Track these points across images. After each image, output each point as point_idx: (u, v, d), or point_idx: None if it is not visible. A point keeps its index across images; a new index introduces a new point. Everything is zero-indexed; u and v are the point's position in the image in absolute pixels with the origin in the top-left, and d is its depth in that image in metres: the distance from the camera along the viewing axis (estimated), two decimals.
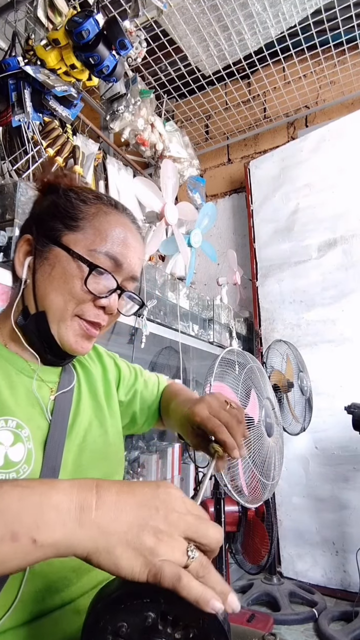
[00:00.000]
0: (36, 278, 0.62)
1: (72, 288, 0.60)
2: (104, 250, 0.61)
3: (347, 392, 2.12)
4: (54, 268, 0.61)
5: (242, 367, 1.38)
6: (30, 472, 0.55)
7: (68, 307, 0.60)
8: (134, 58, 1.90)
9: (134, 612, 0.36)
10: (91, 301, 0.61)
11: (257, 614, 1.71)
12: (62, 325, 0.61)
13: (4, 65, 1.37)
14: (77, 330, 0.62)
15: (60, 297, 0.60)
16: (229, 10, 2.15)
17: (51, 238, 0.62)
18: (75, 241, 0.61)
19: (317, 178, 2.42)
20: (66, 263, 0.60)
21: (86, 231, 0.62)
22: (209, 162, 3.23)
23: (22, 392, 0.61)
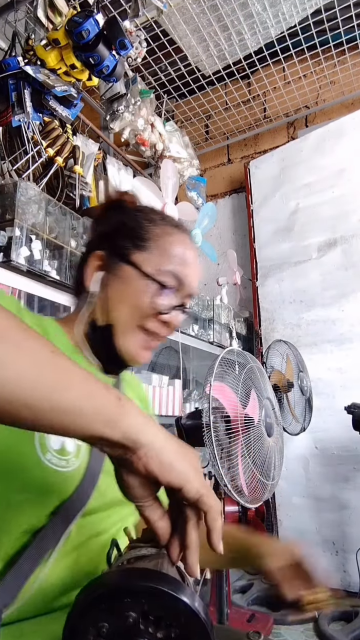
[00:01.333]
0: (107, 293, 0.67)
1: (141, 303, 0.65)
2: (169, 270, 0.66)
3: (347, 392, 2.12)
4: (126, 284, 0.66)
5: (242, 367, 1.38)
6: (76, 466, 0.57)
7: (133, 319, 0.65)
8: (134, 58, 1.89)
9: (114, 611, 0.36)
10: (155, 316, 0.66)
11: (257, 614, 1.71)
12: (126, 337, 0.65)
13: (4, 65, 1.37)
14: (139, 342, 0.66)
15: (127, 310, 0.65)
16: (229, 10, 2.15)
17: (122, 256, 0.67)
18: (143, 260, 0.66)
19: (317, 178, 2.42)
20: (136, 280, 0.65)
21: (152, 251, 0.66)
22: (209, 162, 3.23)
23: None
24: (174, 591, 0.35)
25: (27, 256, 1.24)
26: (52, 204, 1.38)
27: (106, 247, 0.69)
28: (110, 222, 0.72)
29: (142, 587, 0.35)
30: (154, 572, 0.38)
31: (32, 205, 1.29)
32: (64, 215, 1.43)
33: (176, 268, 0.66)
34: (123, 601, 0.36)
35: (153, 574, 0.37)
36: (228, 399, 1.29)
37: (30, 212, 1.28)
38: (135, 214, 0.70)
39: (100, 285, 0.68)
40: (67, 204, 1.51)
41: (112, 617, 0.36)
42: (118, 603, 0.36)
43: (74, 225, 1.47)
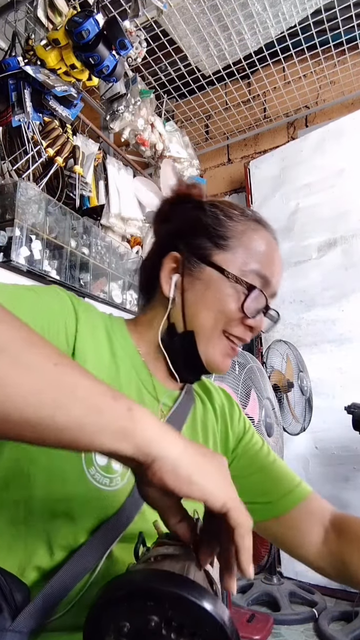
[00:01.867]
0: (186, 297, 0.62)
1: (226, 308, 0.60)
2: (255, 270, 0.61)
3: (347, 392, 2.12)
4: (208, 288, 0.61)
5: (242, 367, 1.38)
6: (120, 487, 0.53)
7: (218, 325, 0.61)
8: (134, 58, 1.89)
9: (136, 613, 0.35)
10: (241, 321, 0.61)
11: (257, 614, 1.71)
12: (210, 344, 0.61)
13: (4, 65, 1.37)
14: (224, 349, 0.62)
15: (212, 315, 0.61)
16: (229, 10, 2.15)
17: (202, 257, 0.62)
18: (226, 261, 0.61)
19: (317, 178, 2.42)
20: (220, 283, 0.60)
21: (236, 250, 0.61)
22: (209, 162, 3.23)
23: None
24: (199, 599, 0.34)
25: (27, 256, 1.24)
26: (52, 204, 1.38)
27: (181, 248, 0.64)
28: (182, 220, 0.66)
29: (166, 592, 0.34)
30: (180, 577, 0.36)
31: (32, 205, 1.29)
32: (64, 215, 1.43)
33: (261, 267, 0.61)
34: (146, 604, 0.34)
35: (179, 579, 0.36)
36: None
37: (30, 212, 1.28)
38: (211, 210, 0.64)
39: (178, 289, 0.63)
40: (67, 204, 1.51)
41: (133, 617, 0.35)
42: (140, 605, 0.35)
43: (74, 225, 1.47)
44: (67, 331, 0.54)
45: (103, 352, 0.59)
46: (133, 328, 0.67)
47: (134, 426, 0.35)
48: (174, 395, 0.67)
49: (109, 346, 0.60)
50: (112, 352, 0.60)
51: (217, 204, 0.65)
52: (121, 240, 1.90)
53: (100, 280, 1.58)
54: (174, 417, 0.63)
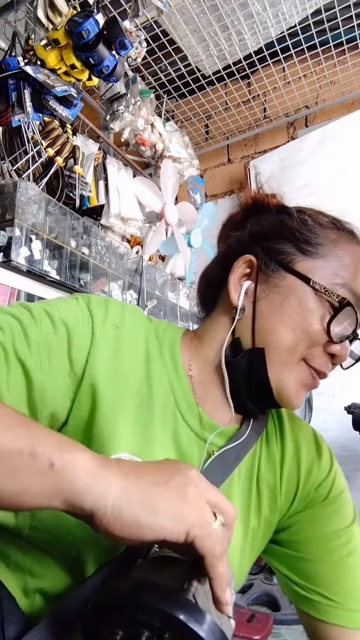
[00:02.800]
0: (258, 308, 0.52)
1: (310, 326, 0.49)
2: (348, 285, 0.50)
3: (347, 392, 2.12)
4: (287, 299, 0.51)
5: None
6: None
7: (299, 348, 0.50)
8: (134, 58, 1.89)
9: (128, 622, 0.34)
10: (324, 345, 0.51)
11: (257, 614, 1.71)
12: (286, 369, 0.50)
13: (4, 65, 1.37)
14: (302, 378, 0.51)
15: (291, 334, 0.50)
16: (229, 10, 2.14)
17: (283, 263, 0.53)
18: (312, 270, 0.51)
19: (317, 178, 2.42)
20: (303, 295, 0.51)
21: (327, 259, 0.52)
22: (209, 162, 3.23)
23: (172, 438, 0.51)
24: (191, 622, 0.32)
25: (27, 256, 1.24)
26: (52, 204, 1.38)
27: (259, 252, 0.55)
28: (261, 224, 0.58)
29: (157, 609, 0.33)
30: (175, 594, 0.34)
31: (32, 205, 1.29)
32: (64, 215, 1.43)
33: (353, 282, 0.51)
34: (137, 616, 0.34)
35: (173, 596, 0.33)
36: None
37: (30, 212, 1.28)
38: (298, 214, 0.56)
39: (248, 298, 0.54)
40: (67, 204, 1.51)
41: (125, 626, 0.34)
42: (133, 616, 0.34)
43: (74, 225, 1.47)
44: (72, 363, 0.48)
45: (133, 373, 0.51)
46: (187, 342, 0.57)
47: (58, 481, 0.32)
48: (228, 433, 0.55)
49: (144, 365, 0.52)
50: (148, 372, 0.52)
51: (304, 209, 0.58)
52: (121, 240, 1.90)
53: (100, 280, 1.58)
54: (219, 462, 0.52)
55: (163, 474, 0.35)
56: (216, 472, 0.51)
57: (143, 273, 1.63)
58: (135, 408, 0.50)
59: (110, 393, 0.48)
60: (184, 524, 0.32)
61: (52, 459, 0.32)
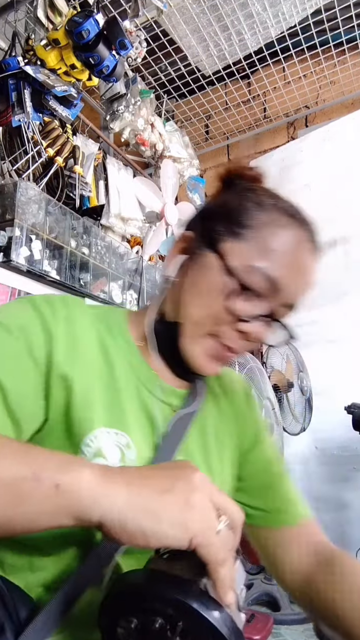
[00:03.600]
0: (184, 282, 0.56)
1: (214, 304, 0.52)
2: (264, 269, 0.51)
3: (347, 392, 2.12)
4: (202, 275, 0.54)
5: (242, 367, 1.38)
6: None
7: (204, 324, 0.53)
8: (134, 58, 1.89)
9: (142, 610, 0.36)
10: (231, 323, 0.53)
11: (257, 614, 1.71)
12: (193, 341, 0.54)
13: (4, 65, 1.37)
14: (209, 350, 0.54)
15: (198, 310, 0.53)
16: (229, 10, 2.14)
17: (209, 241, 0.54)
18: (233, 251, 0.52)
19: (317, 178, 2.42)
20: (215, 274, 0.52)
21: (250, 242, 0.52)
22: (209, 162, 3.23)
23: (139, 407, 0.55)
24: (203, 610, 0.34)
25: (27, 256, 1.24)
26: (52, 204, 1.38)
27: (198, 229, 0.58)
28: (215, 201, 0.60)
29: (170, 598, 0.34)
30: (188, 583, 0.36)
31: (32, 205, 1.29)
32: (64, 215, 1.43)
33: (274, 269, 0.51)
34: (152, 605, 0.35)
35: (186, 586, 0.35)
36: None
37: (30, 212, 1.28)
38: (245, 194, 0.56)
39: (179, 272, 0.57)
40: (67, 204, 1.51)
41: (140, 614, 0.36)
42: (147, 604, 0.35)
43: (74, 225, 1.47)
44: (37, 362, 0.50)
45: (92, 358, 0.54)
46: (134, 318, 0.61)
47: (65, 502, 0.33)
48: (182, 394, 0.61)
49: (100, 349, 0.55)
50: (105, 354, 0.55)
51: (256, 188, 0.57)
52: (121, 240, 1.90)
53: (100, 280, 1.58)
54: (178, 423, 0.58)
55: (167, 480, 0.35)
56: (178, 431, 0.57)
57: (143, 273, 1.63)
58: (103, 388, 0.53)
59: (78, 379, 0.51)
60: (187, 532, 0.33)
61: (56, 480, 0.33)
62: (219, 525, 0.35)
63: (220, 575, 0.34)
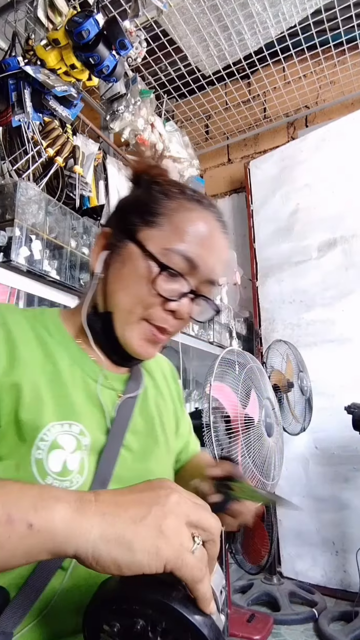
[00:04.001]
0: (109, 275, 0.60)
1: (140, 289, 0.56)
2: (180, 250, 0.56)
3: (347, 392, 2.12)
4: (125, 265, 0.58)
5: (242, 367, 1.38)
6: (82, 483, 0.53)
7: (135, 310, 0.57)
8: (134, 58, 1.89)
9: (124, 614, 0.36)
10: (160, 305, 0.57)
11: (257, 614, 1.71)
12: (128, 328, 0.58)
13: (4, 65, 1.37)
14: (143, 334, 0.58)
15: (127, 298, 0.58)
16: (229, 10, 2.15)
17: (127, 233, 0.59)
18: (150, 238, 0.57)
19: (317, 178, 2.42)
20: (137, 261, 0.57)
21: (163, 227, 0.57)
22: (209, 162, 3.23)
23: (86, 396, 0.59)
24: (184, 611, 0.35)
25: (27, 256, 1.24)
26: (52, 204, 1.38)
27: (113, 224, 0.63)
28: (127, 198, 0.65)
29: (152, 599, 0.35)
30: (169, 585, 0.36)
31: (32, 205, 1.29)
32: (64, 215, 1.43)
33: (189, 248, 0.57)
34: (133, 606, 0.36)
35: (167, 588, 0.36)
36: (228, 399, 1.30)
37: (30, 212, 1.28)
38: (152, 186, 0.61)
39: (104, 266, 0.61)
40: (67, 204, 1.51)
41: (122, 618, 0.36)
42: (128, 608, 0.36)
43: (74, 225, 1.47)
44: None
45: (33, 357, 0.56)
46: (69, 315, 0.64)
47: (40, 540, 0.34)
48: (123, 378, 0.66)
49: (40, 348, 0.58)
50: (46, 352, 0.58)
51: (160, 181, 0.62)
52: None
53: None
54: (124, 406, 0.62)
55: (141, 508, 0.36)
56: (125, 413, 0.62)
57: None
58: (49, 385, 0.55)
59: (25, 383, 0.53)
60: (160, 559, 0.34)
61: (29, 520, 0.34)
62: (194, 545, 0.36)
63: (199, 593, 0.35)
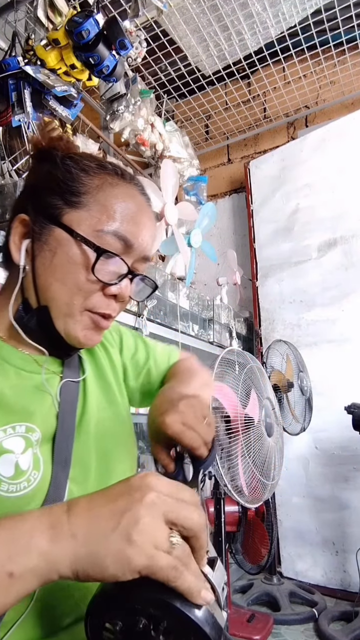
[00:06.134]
0: (36, 265, 0.54)
1: (78, 278, 0.52)
2: (112, 230, 0.53)
3: (347, 392, 2.12)
4: (56, 254, 0.53)
5: (242, 367, 1.38)
6: (40, 477, 0.52)
7: (75, 301, 0.53)
8: (134, 58, 1.89)
9: (126, 613, 0.36)
10: (100, 290, 0.54)
11: (257, 614, 1.71)
12: (70, 321, 0.54)
13: (4, 65, 1.37)
14: (87, 325, 0.55)
15: (65, 289, 0.53)
16: (229, 10, 2.15)
17: (50, 217, 0.54)
18: (78, 220, 0.53)
19: (317, 178, 2.42)
20: (69, 248, 0.52)
21: (90, 208, 0.53)
22: (209, 162, 3.23)
23: (28, 390, 0.56)
24: (185, 608, 0.35)
25: None
26: None
27: (30, 209, 0.55)
28: (37, 176, 0.58)
29: (153, 597, 0.35)
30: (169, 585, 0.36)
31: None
32: None
33: (122, 227, 0.53)
34: (134, 606, 0.36)
35: (168, 587, 0.36)
36: (228, 399, 1.30)
37: None
38: (67, 162, 0.56)
39: (28, 258, 0.55)
40: None
41: (124, 617, 0.36)
42: (130, 606, 0.36)
43: None
44: None
45: None
46: None
47: (23, 581, 0.34)
48: (60, 360, 0.62)
49: None
50: None
51: (73, 156, 0.57)
52: None
53: None
54: (67, 387, 0.60)
55: (112, 519, 0.35)
56: (71, 392, 0.60)
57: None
58: None
59: None
60: (133, 569, 0.34)
61: (8, 570, 0.34)
62: (170, 545, 0.36)
63: (182, 589, 0.35)
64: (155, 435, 0.53)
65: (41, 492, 0.51)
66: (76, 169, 0.55)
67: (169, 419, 0.50)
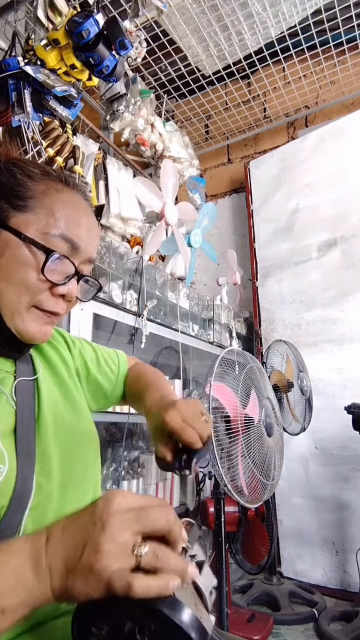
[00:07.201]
0: None
1: (26, 278, 0.55)
2: (59, 233, 0.56)
3: (347, 392, 2.12)
4: (3, 255, 0.55)
5: (242, 367, 1.38)
6: (7, 470, 0.53)
7: (22, 299, 0.56)
8: (134, 58, 1.89)
9: (112, 617, 0.37)
10: (48, 290, 0.57)
11: (257, 614, 1.71)
12: (18, 318, 0.56)
13: (4, 65, 1.37)
14: (36, 320, 0.58)
15: (12, 289, 0.55)
16: (229, 10, 2.15)
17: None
18: (25, 223, 0.55)
19: (317, 178, 2.42)
20: (17, 249, 0.55)
21: (37, 211, 0.56)
22: (209, 162, 3.23)
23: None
24: (170, 613, 0.35)
25: None
26: None
27: None
28: None
29: (137, 602, 0.35)
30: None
31: None
32: None
33: (68, 230, 0.57)
34: (121, 609, 0.36)
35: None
36: (228, 399, 1.30)
37: None
38: (11, 168, 0.58)
39: None
40: None
41: (110, 621, 0.37)
42: (115, 610, 0.36)
43: None
44: None
45: None
46: None
47: (14, 614, 0.36)
48: (11, 361, 0.64)
49: None
50: None
51: (16, 162, 0.59)
52: (121, 240, 1.90)
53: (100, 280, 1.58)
54: (20, 385, 0.62)
55: (76, 549, 0.37)
56: (27, 390, 0.62)
57: (143, 273, 1.63)
58: None
59: None
60: (101, 587, 0.35)
61: (1, 606, 0.36)
62: (136, 560, 0.36)
63: (150, 594, 0.35)
64: (156, 431, 0.59)
65: (8, 486, 0.52)
66: (21, 175, 0.58)
67: (169, 416, 0.56)
